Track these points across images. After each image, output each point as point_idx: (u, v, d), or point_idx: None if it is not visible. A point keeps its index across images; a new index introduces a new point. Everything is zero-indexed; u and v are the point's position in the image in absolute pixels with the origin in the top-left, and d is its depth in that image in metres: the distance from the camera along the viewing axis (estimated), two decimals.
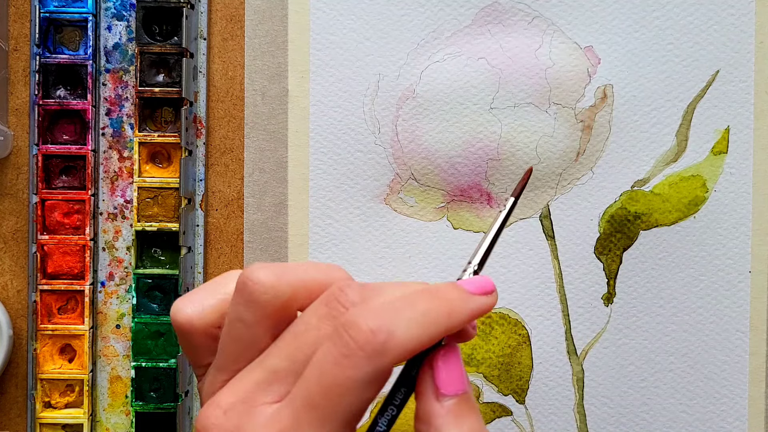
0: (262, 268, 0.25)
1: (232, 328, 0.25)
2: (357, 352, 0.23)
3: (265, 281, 0.24)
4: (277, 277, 0.25)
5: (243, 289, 0.25)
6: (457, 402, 0.25)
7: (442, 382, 0.25)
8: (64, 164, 0.39)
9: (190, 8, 0.38)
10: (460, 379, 0.25)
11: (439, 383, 0.25)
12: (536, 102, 0.38)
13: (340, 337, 0.23)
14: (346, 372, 0.23)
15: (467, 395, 0.25)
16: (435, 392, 0.25)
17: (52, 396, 0.39)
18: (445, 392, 0.25)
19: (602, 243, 0.39)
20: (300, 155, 0.39)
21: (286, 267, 0.25)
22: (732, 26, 0.38)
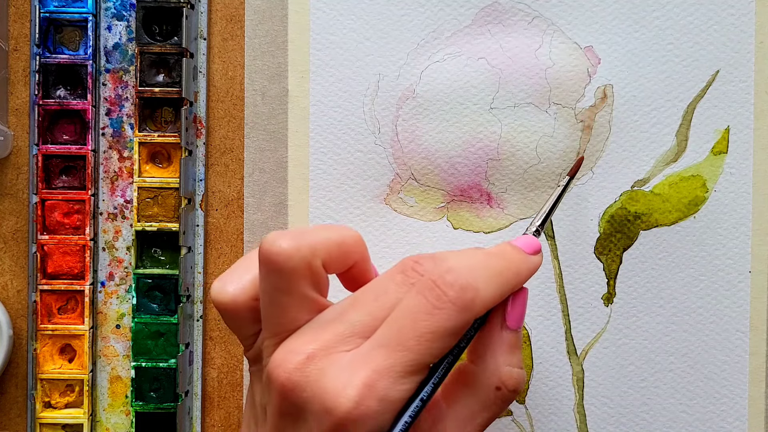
0: (281, 237, 0.27)
1: (273, 298, 0.27)
2: (448, 305, 0.26)
3: (288, 248, 0.27)
4: (297, 242, 0.27)
5: (270, 261, 0.27)
6: (514, 336, 0.30)
7: (509, 316, 0.29)
8: (64, 164, 0.39)
9: (190, 8, 0.38)
10: (522, 318, 0.30)
11: (507, 316, 0.29)
12: (536, 102, 0.38)
13: (432, 291, 0.26)
14: (439, 322, 0.26)
15: (520, 334, 0.30)
16: (501, 323, 0.29)
17: (52, 396, 0.39)
18: (510, 325, 0.29)
19: (602, 243, 0.39)
20: (300, 155, 0.39)
21: (302, 231, 0.28)
22: (732, 26, 0.38)
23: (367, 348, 0.26)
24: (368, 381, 0.26)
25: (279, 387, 0.27)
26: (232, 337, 0.39)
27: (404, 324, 0.26)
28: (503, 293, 0.29)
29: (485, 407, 0.29)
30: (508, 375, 0.29)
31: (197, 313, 0.39)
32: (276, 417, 0.27)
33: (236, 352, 0.39)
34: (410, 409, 0.26)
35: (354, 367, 0.26)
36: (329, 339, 0.27)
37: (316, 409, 0.26)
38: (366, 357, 0.26)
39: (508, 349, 0.29)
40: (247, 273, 0.29)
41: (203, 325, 0.39)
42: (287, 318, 0.28)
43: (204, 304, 0.39)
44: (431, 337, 0.26)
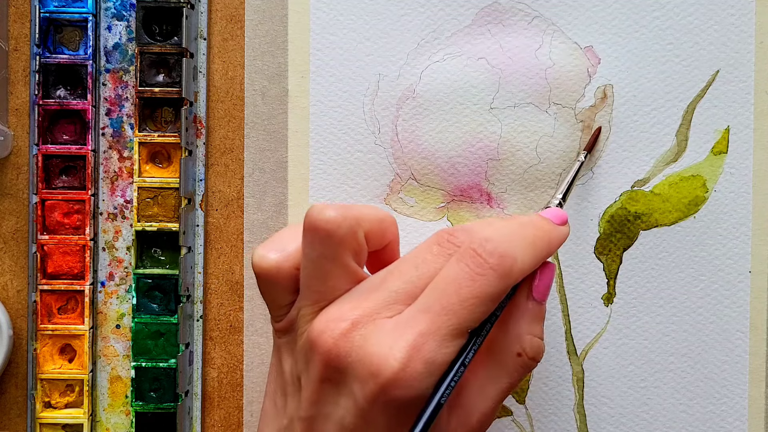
0: (328, 208, 0.28)
1: (317, 265, 0.28)
2: (490, 271, 0.27)
3: (336, 217, 0.28)
4: (343, 212, 0.28)
5: (317, 230, 0.28)
6: (539, 307, 0.31)
7: (536, 287, 0.31)
8: (64, 164, 0.39)
9: (190, 8, 0.38)
10: (547, 291, 0.31)
11: (534, 287, 0.31)
12: (536, 102, 0.38)
13: (474, 258, 0.27)
14: (482, 287, 0.27)
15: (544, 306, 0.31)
16: (528, 293, 0.31)
17: (52, 396, 0.39)
18: (536, 296, 0.31)
19: (602, 243, 0.39)
20: (300, 155, 0.39)
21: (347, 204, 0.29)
22: (732, 26, 0.38)
23: (410, 313, 0.27)
24: (414, 344, 0.26)
25: (324, 353, 0.27)
26: (232, 337, 0.39)
27: (447, 290, 0.27)
28: (537, 262, 0.30)
29: (506, 373, 0.30)
30: (529, 343, 0.30)
31: (197, 313, 0.39)
32: (316, 384, 0.28)
33: (236, 352, 0.39)
34: (452, 372, 0.27)
35: (398, 331, 0.27)
36: (372, 306, 0.28)
37: (362, 374, 0.27)
38: (410, 322, 0.27)
39: (532, 319, 0.30)
40: (291, 242, 0.30)
41: (203, 325, 0.39)
42: (329, 286, 0.28)
43: (204, 304, 0.39)
44: (475, 302, 0.27)
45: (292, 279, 0.30)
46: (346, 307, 0.28)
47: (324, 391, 0.28)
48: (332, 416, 0.28)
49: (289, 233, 0.31)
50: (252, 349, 0.39)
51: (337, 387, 0.28)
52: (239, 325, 0.39)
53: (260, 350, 0.39)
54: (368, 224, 0.29)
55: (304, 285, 0.29)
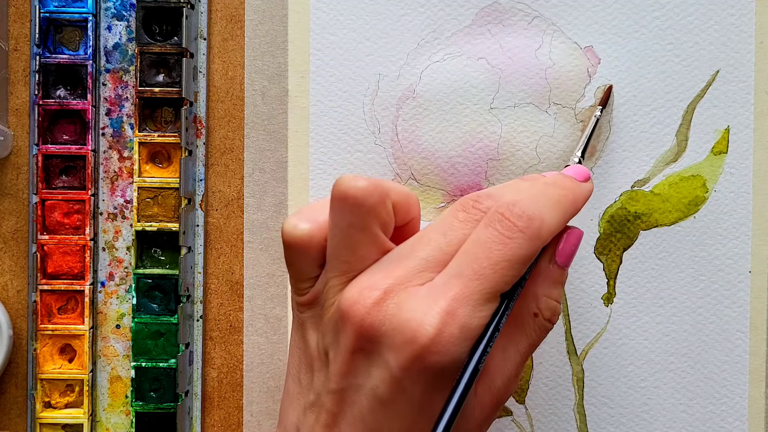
0: (357, 178, 0.28)
1: (346, 235, 0.28)
2: (519, 233, 0.27)
3: (367, 186, 0.28)
4: (373, 182, 0.28)
5: (347, 199, 0.28)
6: (559, 272, 0.31)
7: (559, 252, 0.30)
8: (64, 164, 0.39)
9: (190, 8, 0.38)
10: (571, 256, 0.31)
11: (557, 252, 0.30)
12: (536, 102, 0.38)
13: (502, 222, 0.27)
14: (512, 250, 0.27)
15: (566, 271, 0.31)
16: (551, 257, 0.30)
17: (52, 396, 0.39)
18: (558, 261, 0.30)
19: (602, 243, 0.39)
20: (300, 155, 0.39)
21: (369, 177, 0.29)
22: (732, 26, 0.38)
23: (442, 279, 0.27)
24: (449, 309, 0.26)
25: (356, 323, 0.27)
26: (232, 337, 0.39)
27: (478, 254, 0.27)
28: (564, 221, 0.30)
29: (525, 334, 0.30)
30: (546, 304, 0.30)
31: (197, 313, 0.39)
32: (348, 354, 0.28)
33: (236, 352, 0.39)
34: (487, 336, 0.27)
35: (432, 297, 0.27)
36: (403, 274, 0.28)
37: (396, 342, 0.26)
38: (443, 287, 0.27)
39: (551, 282, 0.30)
40: (322, 213, 0.30)
41: (203, 325, 0.39)
42: (357, 256, 0.28)
43: (204, 304, 0.39)
44: (506, 265, 0.27)
45: (322, 250, 0.30)
46: (378, 276, 0.28)
47: (356, 362, 0.28)
48: (365, 387, 0.28)
49: (319, 205, 0.31)
50: (252, 349, 0.39)
51: (369, 357, 0.27)
52: (239, 325, 0.39)
53: (260, 350, 0.39)
54: (396, 196, 0.29)
55: (332, 255, 0.29)
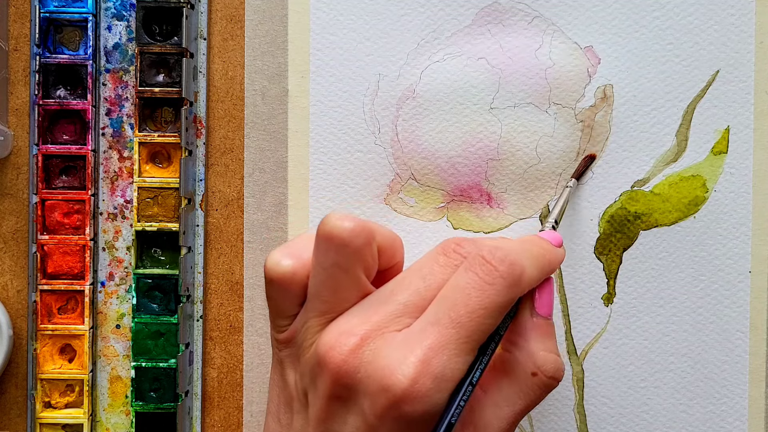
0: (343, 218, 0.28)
1: (329, 274, 0.28)
2: (499, 279, 0.27)
3: (354, 227, 0.27)
4: (360, 223, 0.28)
5: (332, 239, 0.27)
6: (545, 323, 0.30)
7: (538, 303, 0.30)
8: (64, 164, 0.39)
9: (190, 8, 0.38)
10: (550, 306, 0.30)
11: (536, 303, 0.30)
12: (536, 102, 0.38)
13: (483, 267, 0.27)
14: (490, 296, 0.27)
15: (551, 322, 0.30)
16: (531, 310, 0.30)
17: (52, 396, 0.39)
18: (539, 312, 0.30)
19: (602, 243, 0.39)
20: (300, 155, 0.39)
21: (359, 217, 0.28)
22: (732, 26, 0.38)
23: (419, 326, 0.27)
24: (423, 358, 0.26)
25: (333, 370, 0.27)
26: (232, 337, 0.39)
27: (456, 300, 0.27)
28: (541, 276, 0.30)
29: (523, 394, 0.29)
30: (544, 360, 0.29)
31: (197, 313, 0.39)
32: (324, 400, 0.27)
33: (236, 352, 0.39)
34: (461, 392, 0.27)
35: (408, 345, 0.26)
36: (380, 319, 0.27)
37: (371, 390, 0.26)
38: (419, 335, 0.26)
39: (542, 335, 0.30)
40: (306, 250, 0.29)
41: (203, 325, 0.39)
42: (338, 297, 0.28)
43: (204, 304, 0.39)
44: (483, 313, 0.26)
45: (304, 288, 0.29)
46: (355, 321, 0.27)
47: (333, 409, 0.27)
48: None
49: (303, 241, 0.30)
50: (252, 349, 0.39)
51: (345, 404, 0.27)
52: (239, 325, 0.39)
53: (260, 350, 0.39)
54: (382, 239, 0.29)
55: (313, 295, 0.28)
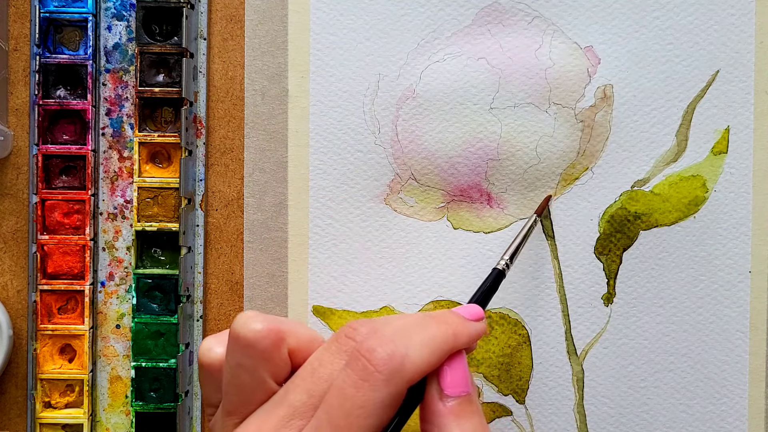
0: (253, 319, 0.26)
1: (235, 374, 0.27)
2: (375, 375, 0.24)
3: (261, 330, 0.26)
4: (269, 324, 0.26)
5: (238, 339, 0.26)
6: (459, 403, 0.26)
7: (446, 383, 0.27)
8: (64, 164, 0.39)
9: (190, 8, 0.38)
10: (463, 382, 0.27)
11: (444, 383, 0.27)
12: (536, 102, 0.38)
13: (357, 362, 0.25)
14: (366, 394, 0.24)
15: (470, 397, 0.27)
16: (440, 393, 0.26)
17: (52, 396, 0.39)
18: (449, 393, 0.26)
19: (602, 243, 0.39)
20: (300, 155, 0.39)
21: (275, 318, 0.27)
22: (732, 26, 0.38)
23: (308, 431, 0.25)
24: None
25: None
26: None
27: (333, 403, 0.25)
28: (439, 357, 0.26)
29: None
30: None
31: (197, 313, 0.39)
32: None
33: None
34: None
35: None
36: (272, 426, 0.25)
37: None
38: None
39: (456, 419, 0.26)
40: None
41: (203, 325, 0.39)
42: (242, 398, 0.27)
43: (204, 305, 0.39)
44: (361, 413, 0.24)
45: None
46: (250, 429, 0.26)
47: None
48: None
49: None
50: None
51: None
52: None
53: None
54: (295, 341, 0.27)
55: (223, 391, 0.27)
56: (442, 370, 0.27)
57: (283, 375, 0.27)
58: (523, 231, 0.36)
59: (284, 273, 0.39)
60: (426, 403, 0.27)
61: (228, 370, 0.27)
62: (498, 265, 0.33)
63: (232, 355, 0.27)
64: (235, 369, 0.27)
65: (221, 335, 0.29)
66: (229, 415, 0.27)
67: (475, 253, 0.39)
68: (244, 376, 0.26)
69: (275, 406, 0.26)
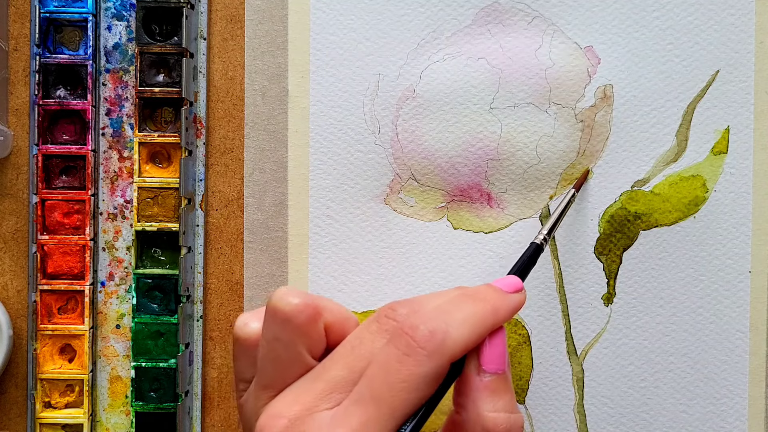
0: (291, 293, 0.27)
1: (271, 348, 0.27)
2: (418, 350, 0.25)
3: (298, 304, 0.26)
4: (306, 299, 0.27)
5: (276, 313, 0.27)
6: (495, 379, 0.27)
7: (484, 359, 0.27)
8: (64, 164, 0.39)
9: (190, 8, 0.38)
10: (501, 359, 0.27)
11: (482, 359, 0.27)
12: (536, 102, 0.38)
13: (400, 338, 0.25)
14: (410, 369, 0.25)
15: (505, 375, 0.27)
16: (477, 367, 0.27)
17: (52, 396, 0.39)
18: (487, 368, 0.27)
19: (602, 243, 0.39)
20: (300, 155, 0.39)
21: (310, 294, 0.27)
22: (732, 26, 0.38)
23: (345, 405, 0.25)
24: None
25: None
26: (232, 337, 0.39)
27: (376, 376, 0.25)
28: (480, 334, 0.27)
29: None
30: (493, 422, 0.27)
31: (197, 313, 0.39)
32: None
33: None
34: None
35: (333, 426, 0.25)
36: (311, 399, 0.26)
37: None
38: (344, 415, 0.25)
39: (491, 395, 0.27)
40: None
41: (203, 325, 0.39)
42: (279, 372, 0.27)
43: (204, 304, 0.39)
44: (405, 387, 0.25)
45: None
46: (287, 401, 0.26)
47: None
48: None
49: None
50: None
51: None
52: None
53: None
54: (331, 317, 0.27)
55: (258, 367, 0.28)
56: (483, 346, 0.27)
57: (319, 350, 0.28)
58: (561, 205, 0.36)
59: (284, 273, 0.39)
60: (463, 377, 0.27)
61: (264, 344, 0.27)
62: (536, 240, 0.33)
63: (270, 328, 0.27)
64: (272, 343, 0.27)
65: (257, 311, 0.29)
66: (265, 389, 0.27)
67: (475, 253, 0.39)
68: (281, 349, 0.27)
69: (314, 380, 0.26)
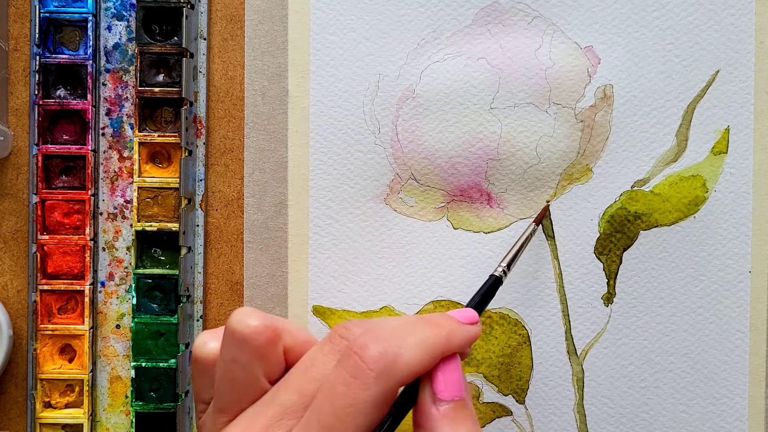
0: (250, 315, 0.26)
1: (228, 370, 0.26)
2: (366, 372, 0.24)
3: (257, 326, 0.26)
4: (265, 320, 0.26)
5: (234, 334, 0.26)
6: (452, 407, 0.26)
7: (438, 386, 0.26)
8: (64, 164, 0.39)
9: (190, 8, 0.38)
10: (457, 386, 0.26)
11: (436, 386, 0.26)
12: (536, 102, 0.38)
13: (349, 359, 0.24)
14: (357, 393, 0.24)
15: (463, 402, 0.26)
16: (432, 396, 0.26)
17: (52, 396, 0.39)
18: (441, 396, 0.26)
19: (602, 243, 0.39)
20: (300, 155, 0.39)
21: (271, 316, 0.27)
22: (732, 26, 0.38)
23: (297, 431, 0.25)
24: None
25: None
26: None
27: (324, 402, 0.24)
28: (432, 357, 0.26)
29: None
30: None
31: (197, 313, 0.39)
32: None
33: None
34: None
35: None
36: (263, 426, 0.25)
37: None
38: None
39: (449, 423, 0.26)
40: None
41: (203, 325, 0.39)
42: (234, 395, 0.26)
43: (204, 305, 0.39)
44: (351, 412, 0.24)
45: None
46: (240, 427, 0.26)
47: None
48: None
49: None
50: None
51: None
52: None
53: None
54: (291, 340, 0.27)
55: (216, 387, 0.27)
56: (436, 374, 0.26)
57: (277, 374, 0.27)
58: (521, 239, 0.36)
59: (284, 273, 0.39)
60: (419, 407, 0.26)
61: (222, 365, 0.27)
62: (495, 272, 0.33)
63: (227, 350, 0.26)
64: (229, 364, 0.26)
65: (217, 331, 0.28)
66: (221, 413, 0.27)
67: (475, 253, 0.39)
68: (238, 371, 0.26)
69: (266, 405, 0.25)
